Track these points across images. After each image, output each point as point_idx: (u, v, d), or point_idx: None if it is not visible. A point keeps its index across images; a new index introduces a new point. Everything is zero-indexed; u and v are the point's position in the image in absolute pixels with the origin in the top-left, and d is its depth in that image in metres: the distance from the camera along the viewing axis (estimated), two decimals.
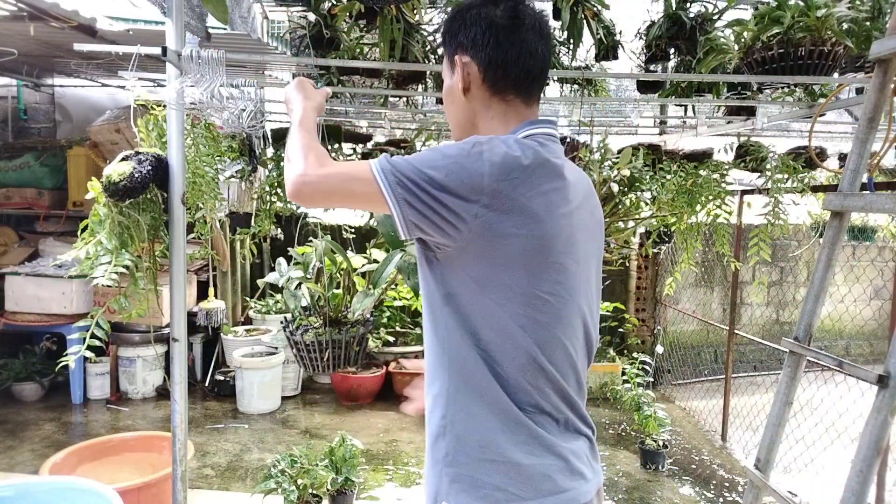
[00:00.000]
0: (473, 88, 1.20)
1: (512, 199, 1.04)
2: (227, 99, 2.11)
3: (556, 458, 1.11)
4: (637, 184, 3.27)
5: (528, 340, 1.10)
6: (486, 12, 1.17)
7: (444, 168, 1.03)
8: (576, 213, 1.14)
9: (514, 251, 1.06)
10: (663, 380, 5.82)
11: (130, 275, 2.14)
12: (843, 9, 2.32)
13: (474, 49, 1.18)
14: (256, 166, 3.34)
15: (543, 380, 1.12)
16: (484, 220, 1.04)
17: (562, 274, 1.12)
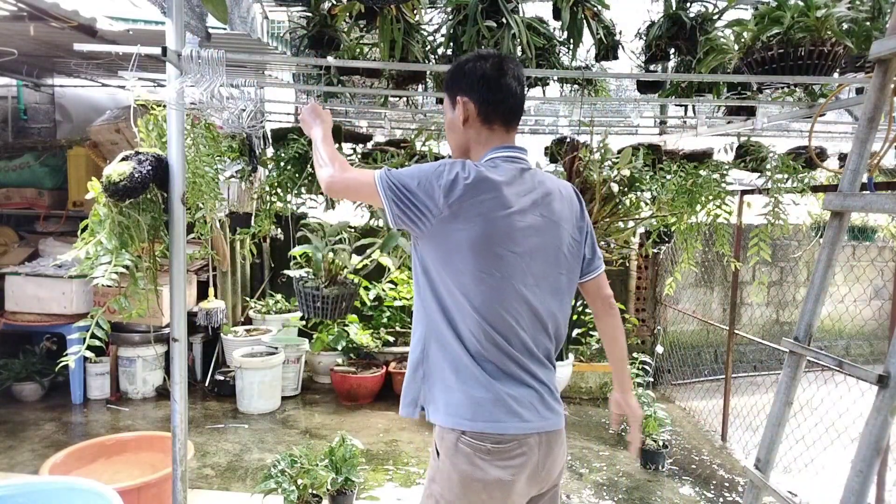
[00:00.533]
0: (471, 121, 1.64)
1: (459, 206, 1.49)
2: (227, 99, 2.11)
3: (494, 396, 1.52)
4: (637, 184, 3.27)
5: (474, 308, 1.52)
6: (479, 65, 1.61)
7: (418, 180, 1.51)
8: (516, 215, 1.53)
9: (462, 242, 1.50)
10: (663, 380, 5.83)
11: (130, 275, 2.14)
12: (843, 9, 2.32)
13: (472, 92, 1.62)
14: (256, 166, 3.34)
15: (487, 339, 1.53)
16: (441, 219, 1.50)
17: (499, 261, 1.52)
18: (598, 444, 4.37)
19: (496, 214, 1.50)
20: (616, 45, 3.05)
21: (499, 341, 1.53)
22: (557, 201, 1.63)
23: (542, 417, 1.57)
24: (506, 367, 1.54)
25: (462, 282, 1.52)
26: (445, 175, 1.50)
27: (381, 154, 3.40)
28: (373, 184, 1.54)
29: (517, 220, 1.53)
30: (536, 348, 1.59)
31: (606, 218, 2.86)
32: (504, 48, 2.51)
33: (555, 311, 1.63)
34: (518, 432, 1.52)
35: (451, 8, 2.70)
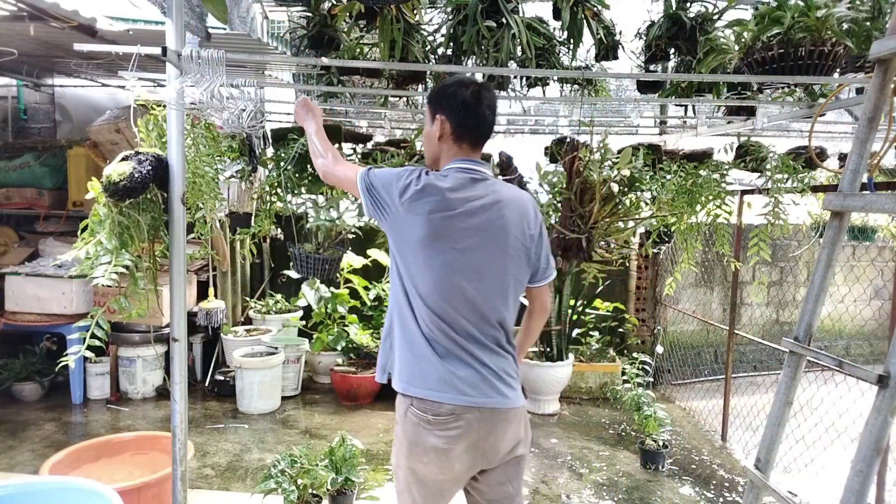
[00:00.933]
0: (445, 137, 1.87)
1: (409, 205, 1.76)
2: (227, 99, 2.11)
3: (440, 373, 1.75)
4: (637, 184, 3.27)
5: (422, 296, 1.77)
6: (461, 92, 1.84)
7: (383, 181, 1.82)
8: (459, 217, 1.76)
9: (411, 237, 1.77)
10: (663, 380, 5.82)
11: (130, 275, 2.14)
12: (843, 9, 2.32)
13: (450, 114, 1.85)
14: (256, 166, 3.34)
15: (434, 324, 1.76)
16: (397, 215, 1.78)
17: (440, 255, 1.75)
18: (598, 444, 4.37)
19: (438, 215, 1.75)
20: (616, 45, 3.05)
21: (444, 327, 1.76)
22: (508, 209, 1.83)
23: (484, 395, 1.77)
24: (452, 350, 1.77)
25: (412, 272, 1.79)
26: (403, 179, 1.79)
27: (381, 154, 3.40)
28: (355, 180, 1.87)
29: (459, 221, 1.76)
30: (482, 336, 1.80)
31: (606, 218, 2.86)
32: (504, 48, 2.51)
33: (498, 305, 1.82)
34: (456, 403, 1.74)
35: (451, 8, 2.70)
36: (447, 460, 1.77)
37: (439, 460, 1.77)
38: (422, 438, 1.76)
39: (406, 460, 1.82)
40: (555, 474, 3.86)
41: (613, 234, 3.02)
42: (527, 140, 5.97)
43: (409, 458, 1.81)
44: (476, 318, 1.79)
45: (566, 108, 4.83)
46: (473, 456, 1.78)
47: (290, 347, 5.09)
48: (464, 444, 1.76)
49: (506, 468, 1.87)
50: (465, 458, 1.78)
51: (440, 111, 1.87)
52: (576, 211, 2.81)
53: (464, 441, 1.75)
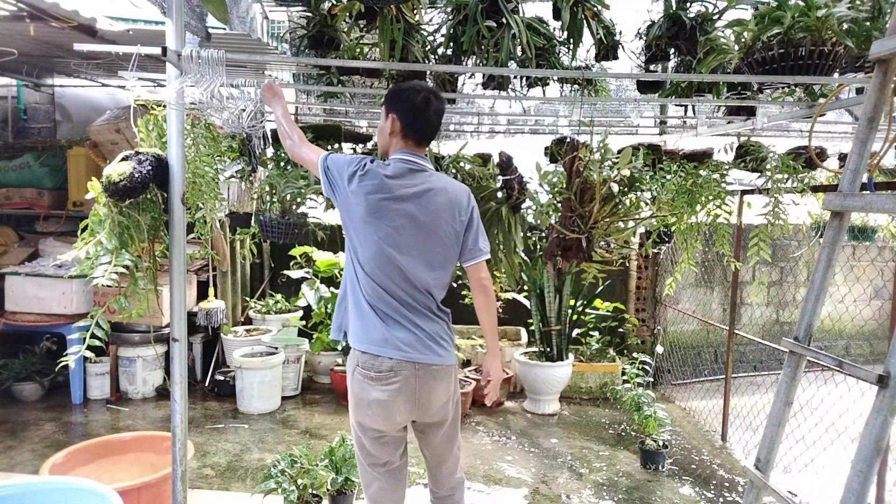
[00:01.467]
0: (395, 133, 2.16)
1: (355, 187, 2.06)
2: (227, 99, 2.11)
3: (383, 335, 2.06)
4: (637, 184, 3.26)
5: (363, 266, 2.08)
6: (413, 97, 2.12)
7: (338, 165, 2.11)
8: (393, 200, 2.05)
9: (355, 215, 2.07)
10: (663, 380, 5.82)
11: (130, 275, 2.14)
12: (843, 9, 2.32)
13: (401, 114, 2.13)
14: (256, 166, 3.34)
15: (374, 292, 2.07)
16: (345, 195, 2.09)
17: (377, 231, 2.04)
18: (598, 444, 4.37)
19: (376, 196, 2.04)
20: (616, 45, 3.05)
21: (382, 294, 2.07)
22: (439, 196, 2.11)
23: (419, 352, 2.07)
24: (391, 315, 2.07)
25: (356, 245, 2.10)
26: (353, 166, 2.08)
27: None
28: (316, 162, 2.15)
29: (393, 203, 2.05)
30: (414, 302, 2.10)
31: (606, 218, 2.86)
32: (504, 48, 2.51)
33: (426, 276, 2.10)
34: (395, 358, 2.04)
35: (451, 8, 2.70)
36: (389, 412, 2.08)
37: (382, 411, 2.07)
38: (366, 394, 2.07)
39: (354, 416, 2.14)
40: (555, 474, 3.86)
41: (613, 234, 3.01)
42: (527, 140, 5.97)
43: (356, 412, 2.12)
44: (408, 286, 2.08)
45: (566, 108, 4.83)
46: (411, 407, 2.10)
47: (290, 347, 5.09)
48: (403, 397, 2.07)
49: (445, 433, 2.23)
50: (403, 409, 2.09)
51: (393, 110, 2.14)
52: (576, 211, 2.81)
53: (403, 394, 2.06)
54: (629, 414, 4.49)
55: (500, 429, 4.60)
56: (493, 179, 3.27)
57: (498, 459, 4.04)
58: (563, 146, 3.22)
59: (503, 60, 2.54)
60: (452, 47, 2.74)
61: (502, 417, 4.85)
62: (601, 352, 5.47)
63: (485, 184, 3.24)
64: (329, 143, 3.50)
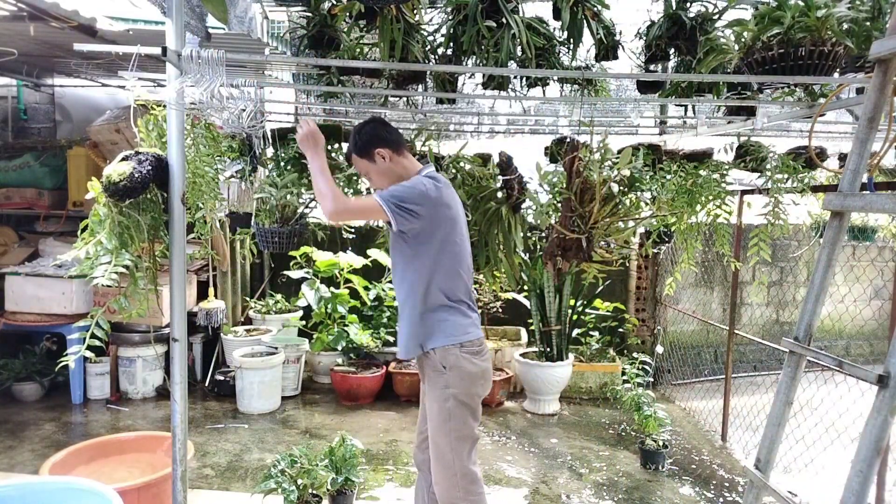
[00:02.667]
0: (394, 158, 2.39)
1: (432, 208, 2.28)
2: (227, 99, 2.11)
3: (468, 319, 2.39)
4: (637, 184, 3.26)
5: (447, 269, 2.34)
6: (370, 129, 2.40)
7: (409, 197, 2.24)
8: (454, 210, 2.38)
9: (442, 225, 2.32)
10: (663, 380, 5.82)
11: (130, 275, 2.14)
12: (843, 9, 2.32)
13: (382, 144, 2.37)
14: (256, 166, 3.34)
15: (456, 288, 2.37)
16: (429, 214, 2.28)
17: (453, 241, 2.36)
18: (598, 444, 4.37)
19: (447, 212, 2.33)
20: (616, 45, 3.05)
21: (465, 288, 2.41)
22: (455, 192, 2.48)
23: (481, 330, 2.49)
24: (470, 303, 2.42)
25: (441, 252, 2.32)
26: (420, 187, 2.26)
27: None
28: (378, 207, 2.21)
29: (456, 212, 2.39)
30: (472, 293, 2.46)
31: (606, 218, 2.85)
32: (504, 48, 2.51)
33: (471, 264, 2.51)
34: (482, 336, 2.43)
35: (451, 8, 2.69)
36: (489, 377, 2.45)
37: (486, 378, 2.41)
38: (476, 367, 2.35)
39: (468, 393, 2.33)
40: (555, 474, 3.86)
41: (613, 235, 3.01)
42: (527, 140, 5.96)
43: (472, 387, 2.34)
44: (469, 278, 2.45)
45: (566, 108, 4.83)
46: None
47: (290, 347, 5.09)
48: (490, 363, 2.50)
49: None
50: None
51: (374, 149, 2.35)
52: (576, 211, 2.81)
53: (490, 360, 2.51)
54: (629, 414, 4.50)
55: (500, 429, 4.61)
56: (493, 179, 3.26)
57: (498, 459, 4.04)
58: (563, 146, 3.21)
59: (503, 60, 2.54)
60: (452, 47, 2.74)
61: (502, 417, 4.85)
62: (601, 352, 5.47)
63: (485, 184, 3.24)
64: (329, 143, 3.49)
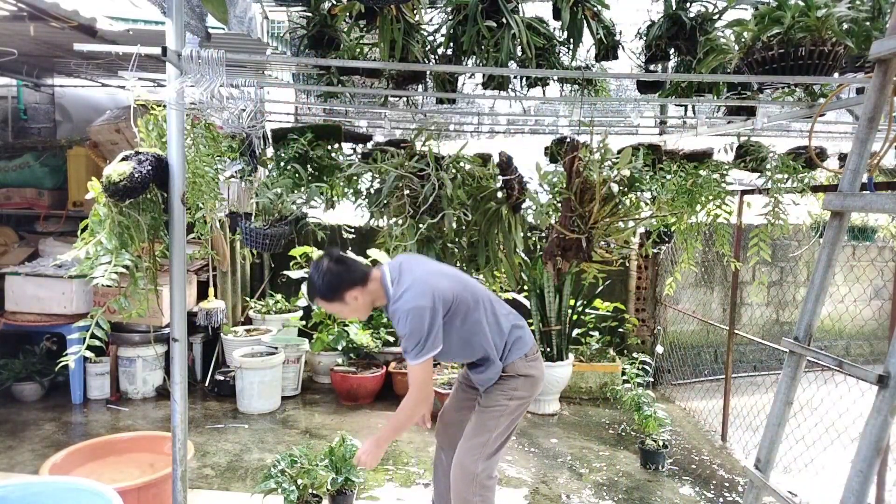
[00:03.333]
0: (362, 293, 2.41)
1: (437, 316, 2.35)
2: (227, 99, 2.11)
3: (527, 334, 2.65)
4: (637, 184, 3.27)
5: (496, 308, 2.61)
6: (341, 273, 2.39)
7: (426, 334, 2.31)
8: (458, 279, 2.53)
9: (457, 311, 2.43)
10: (663, 380, 5.82)
11: (130, 275, 2.14)
12: (843, 9, 2.32)
13: (350, 285, 2.39)
14: (256, 166, 3.34)
15: (502, 322, 2.58)
16: (439, 323, 2.35)
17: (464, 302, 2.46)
18: (598, 444, 4.37)
19: (445, 302, 2.38)
20: (616, 45, 3.05)
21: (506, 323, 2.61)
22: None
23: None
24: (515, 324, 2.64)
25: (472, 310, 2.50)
26: (430, 319, 2.30)
27: (381, 154, 3.40)
28: (425, 366, 2.34)
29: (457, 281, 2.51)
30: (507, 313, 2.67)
31: (606, 218, 2.85)
32: (504, 48, 2.51)
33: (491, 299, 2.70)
34: (535, 344, 2.67)
35: (451, 8, 2.69)
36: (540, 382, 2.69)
37: (542, 382, 2.67)
38: (539, 371, 2.61)
39: (531, 391, 2.61)
40: (555, 474, 3.86)
41: (613, 235, 3.01)
42: (527, 140, 5.97)
43: (534, 388, 2.62)
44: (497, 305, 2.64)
45: (566, 108, 4.83)
46: None
47: (290, 347, 5.09)
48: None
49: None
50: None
51: (345, 293, 2.38)
52: (576, 211, 2.81)
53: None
54: (629, 414, 4.50)
55: None
56: (493, 179, 3.26)
57: None
58: (563, 146, 3.21)
59: (503, 60, 2.54)
60: (452, 47, 2.74)
61: None
62: (601, 352, 5.47)
63: (485, 184, 3.24)
64: (329, 143, 3.50)
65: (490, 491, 2.53)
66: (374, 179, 3.37)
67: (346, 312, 2.46)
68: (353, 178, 3.44)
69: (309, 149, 3.32)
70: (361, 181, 3.51)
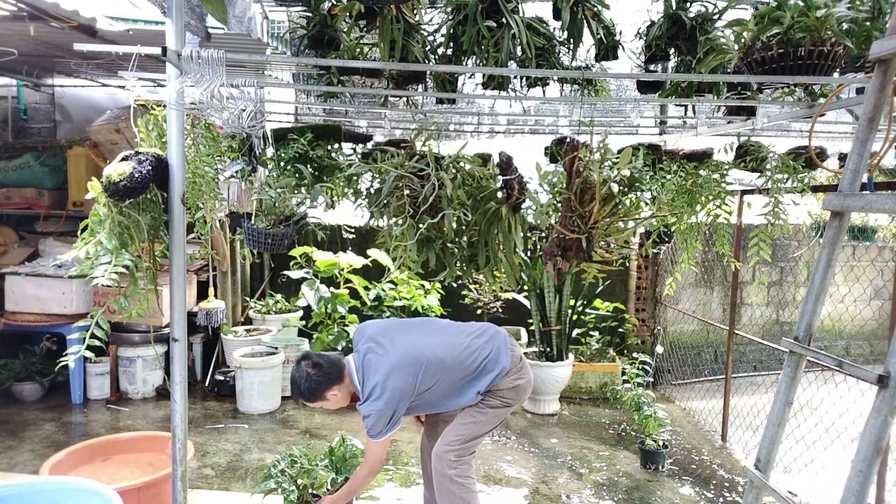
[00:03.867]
0: (341, 388, 2.60)
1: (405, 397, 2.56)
2: (227, 99, 2.11)
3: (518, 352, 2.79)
4: (637, 184, 3.26)
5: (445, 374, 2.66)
6: (320, 377, 2.56)
7: (387, 419, 2.50)
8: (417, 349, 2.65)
9: (425, 390, 2.60)
10: (663, 380, 5.82)
11: (130, 275, 2.14)
12: (842, 9, 2.32)
13: (329, 385, 2.57)
14: (256, 166, 3.34)
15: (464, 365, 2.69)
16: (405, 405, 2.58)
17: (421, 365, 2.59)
18: (598, 444, 4.37)
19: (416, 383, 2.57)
20: (616, 45, 3.05)
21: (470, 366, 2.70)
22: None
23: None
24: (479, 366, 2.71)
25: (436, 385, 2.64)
26: (397, 401, 2.50)
27: (381, 154, 3.40)
28: (387, 441, 2.56)
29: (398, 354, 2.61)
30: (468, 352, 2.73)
31: (606, 218, 2.85)
32: (504, 48, 2.51)
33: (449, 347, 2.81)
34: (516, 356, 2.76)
35: (451, 8, 2.69)
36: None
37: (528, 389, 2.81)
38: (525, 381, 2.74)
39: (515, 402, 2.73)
40: (555, 474, 3.86)
41: (613, 235, 3.01)
42: (527, 140, 5.97)
43: (521, 398, 2.74)
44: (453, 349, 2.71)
45: (566, 108, 4.84)
46: None
47: (290, 347, 5.09)
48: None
49: None
50: None
51: (327, 391, 2.56)
52: (576, 211, 2.80)
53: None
54: (629, 414, 4.49)
55: (500, 429, 4.60)
56: (493, 179, 3.26)
57: (498, 459, 4.04)
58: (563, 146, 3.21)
59: (503, 60, 2.54)
60: (452, 47, 2.74)
61: None
62: (601, 352, 5.47)
63: (485, 184, 3.23)
64: (329, 143, 3.49)
65: (470, 468, 2.71)
66: (374, 179, 3.36)
67: (329, 405, 2.65)
68: (353, 178, 3.43)
69: (309, 149, 3.32)
70: (361, 181, 3.51)
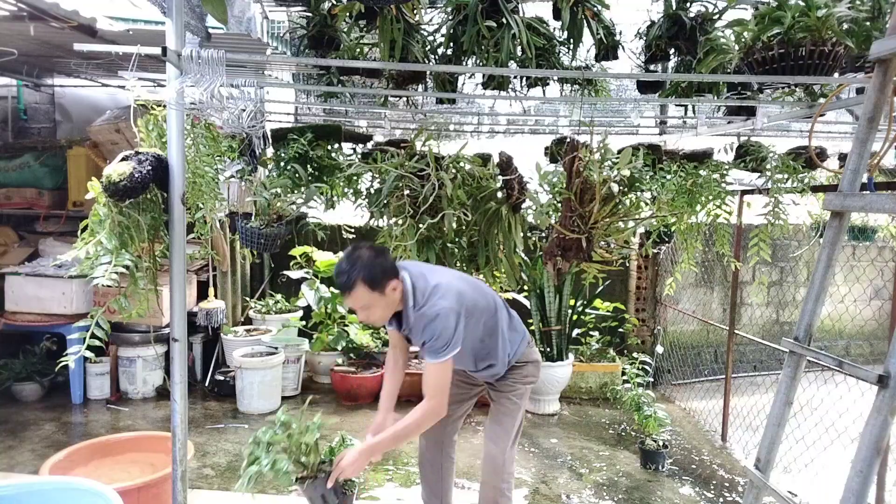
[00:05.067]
0: (398, 284, 2.29)
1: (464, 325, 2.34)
2: (227, 99, 2.11)
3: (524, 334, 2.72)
4: (637, 184, 3.26)
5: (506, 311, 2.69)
6: (387, 260, 2.28)
7: (452, 327, 2.26)
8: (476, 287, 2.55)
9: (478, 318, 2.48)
10: (663, 380, 5.82)
11: (130, 275, 2.14)
12: (843, 9, 2.32)
13: (394, 274, 2.28)
14: (256, 166, 3.34)
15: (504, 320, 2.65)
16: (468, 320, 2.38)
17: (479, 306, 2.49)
18: (598, 444, 4.37)
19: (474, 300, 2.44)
20: (616, 45, 3.05)
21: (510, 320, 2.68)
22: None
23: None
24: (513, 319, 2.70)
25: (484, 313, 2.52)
26: (455, 326, 2.26)
27: (381, 154, 3.40)
28: (449, 364, 2.29)
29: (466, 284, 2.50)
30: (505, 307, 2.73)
31: (606, 218, 2.85)
32: (504, 48, 2.51)
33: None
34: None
35: (451, 8, 2.70)
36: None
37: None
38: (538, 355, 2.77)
39: (536, 380, 2.71)
40: (555, 474, 3.86)
41: (613, 235, 3.01)
42: (527, 140, 5.96)
43: (538, 374, 2.73)
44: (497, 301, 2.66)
45: (566, 108, 4.84)
46: None
47: (290, 347, 5.09)
48: None
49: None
50: None
51: (390, 280, 2.24)
52: (576, 211, 2.80)
53: None
54: (629, 414, 4.49)
55: None
56: (493, 179, 3.26)
57: None
58: (563, 146, 3.21)
59: (503, 60, 2.54)
60: (452, 47, 2.74)
61: None
62: (601, 352, 5.47)
63: (485, 184, 3.24)
64: (329, 143, 3.49)
65: (513, 478, 2.67)
66: (374, 179, 3.37)
67: (378, 308, 2.27)
68: (353, 178, 3.44)
69: (309, 149, 3.32)
70: (361, 181, 3.51)
